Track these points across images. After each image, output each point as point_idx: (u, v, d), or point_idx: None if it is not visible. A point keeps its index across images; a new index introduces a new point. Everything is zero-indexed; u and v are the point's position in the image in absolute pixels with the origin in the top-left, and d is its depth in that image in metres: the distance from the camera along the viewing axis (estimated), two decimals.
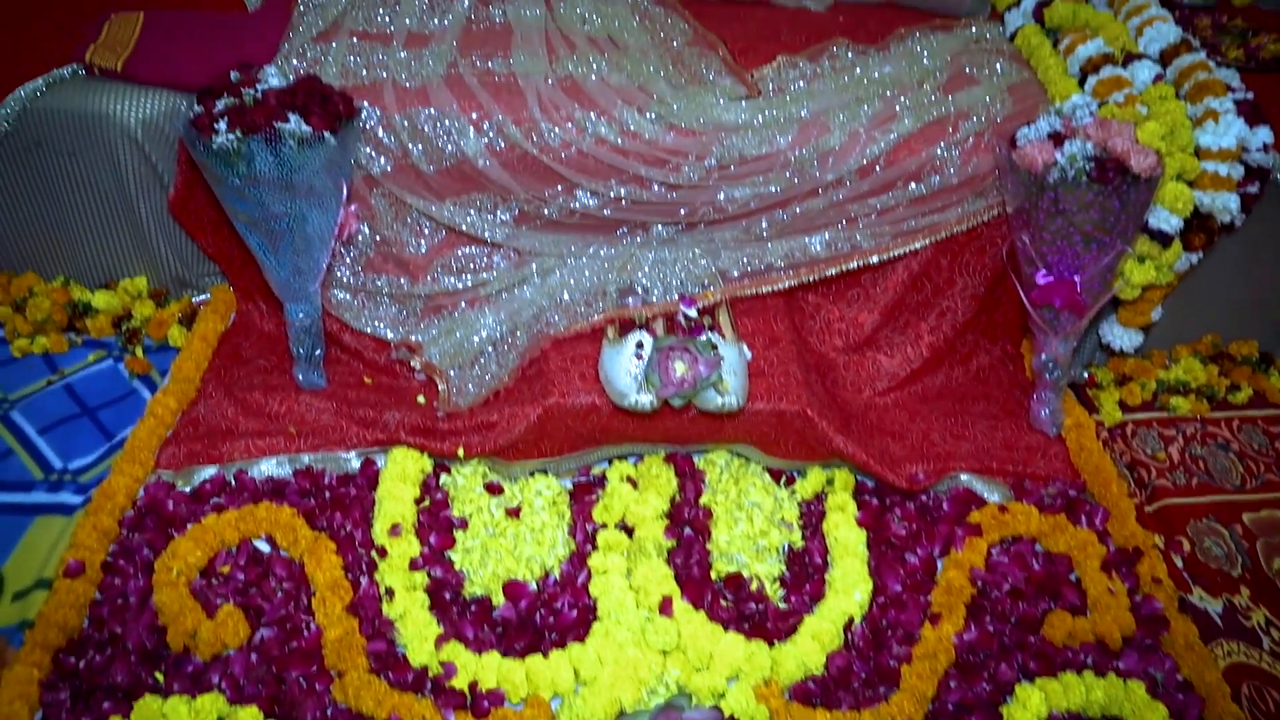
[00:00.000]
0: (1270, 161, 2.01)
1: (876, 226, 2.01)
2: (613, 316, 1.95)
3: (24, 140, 2.01)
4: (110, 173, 2.06)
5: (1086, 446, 2.06)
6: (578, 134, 1.90)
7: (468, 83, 1.95)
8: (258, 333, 2.19)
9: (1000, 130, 1.99)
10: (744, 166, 1.93)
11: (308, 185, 1.80)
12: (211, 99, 1.81)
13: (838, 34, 2.22)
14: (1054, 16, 2.23)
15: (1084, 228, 1.87)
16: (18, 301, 2.19)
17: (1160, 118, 1.98)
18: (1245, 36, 2.40)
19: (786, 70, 2.08)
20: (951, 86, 2.07)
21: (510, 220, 2.01)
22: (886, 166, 1.96)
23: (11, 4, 2.18)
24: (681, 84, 2.01)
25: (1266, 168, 2.02)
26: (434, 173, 1.95)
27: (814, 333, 2.14)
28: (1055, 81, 2.12)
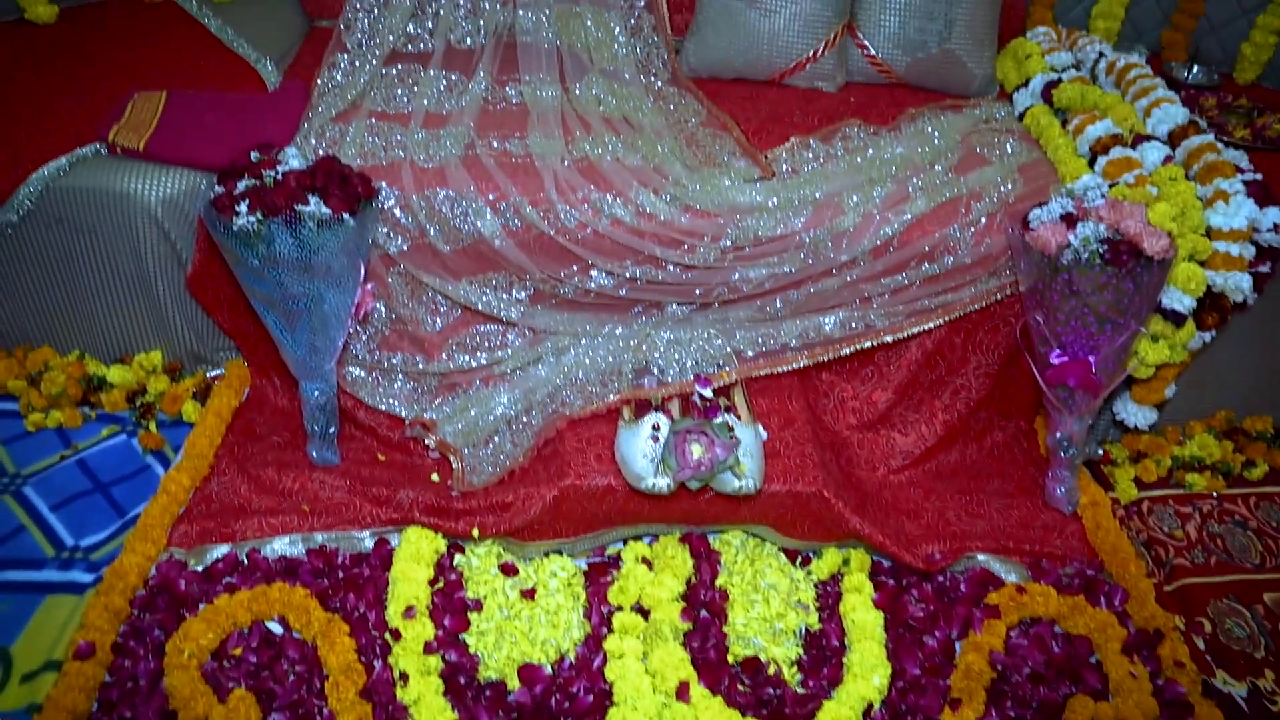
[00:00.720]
0: None
1: (890, 306, 2.02)
2: (628, 397, 1.95)
3: (45, 217, 2.03)
4: (129, 249, 2.07)
5: (1103, 525, 2.05)
6: (593, 215, 1.92)
7: (485, 164, 1.98)
8: (272, 408, 2.19)
9: (1012, 211, 2.01)
10: (759, 248, 1.94)
11: (326, 266, 1.81)
12: (232, 180, 1.83)
13: (849, 115, 2.25)
14: (1062, 97, 2.26)
15: (1098, 309, 1.88)
16: (33, 375, 2.20)
17: (1171, 199, 1.99)
18: (1251, 116, 2.43)
19: (800, 151, 2.11)
20: (963, 167, 2.10)
21: (526, 299, 2.02)
22: (900, 247, 1.97)
23: (38, 83, 2.21)
24: (696, 165, 2.03)
25: (1277, 247, 2.03)
26: (450, 252, 1.97)
27: (828, 410, 2.14)
28: (1065, 161, 2.14)
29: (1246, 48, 2.65)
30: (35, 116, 2.11)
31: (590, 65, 2.28)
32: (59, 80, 2.24)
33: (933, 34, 2.33)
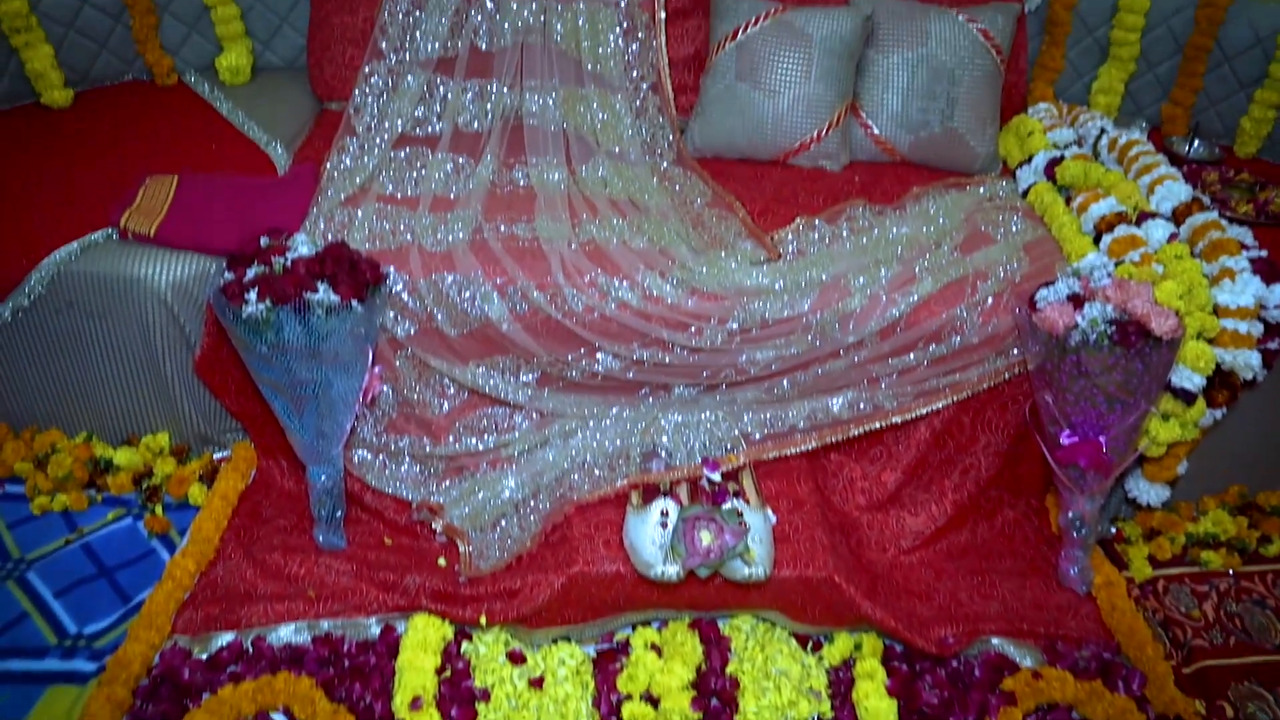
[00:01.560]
0: None
1: (898, 386, 2.02)
2: (636, 482, 1.94)
3: (56, 301, 2.05)
4: (139, 333, 2.08)
5: (1118, 606, 2.02)
6: (600, 299, 1.92)
7: (492, 248, 1.99)
8: (278, 490, 2.18)
9: (1018, 290, 2.01)
10: (766, 330, 1.94)
11: (334, 352, 1.82)
12: (242, 267, 1.85)
13: (854, 194, 2.27)
14: (1065, 175, 2.28)
15: (1107, 389, 1.87)
16: (40, 457, 2.20)
17: (1177, 277, 2.00)
18: (1253, 190, 2.44)
19: (806, 233, 2.12)
20: (968, 246, 2.10)
21: (533, 382, 2.02)
22: (907, 328, 1.97)
23: (52, 167, 2.24)
24: (702, 247, 2.04)
25: None
26: (457, 336, 1.97)
27: (837, 491, 2.12)
28: (1070, 240, 2.15)
29: (1246, 122, 2.68)
30: (48, 201, 2.13)
31: (596, 147, 2.31)
32: (73, 164, 2.27)
33: (935, 113, 2.35)
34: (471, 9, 2.37)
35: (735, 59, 2.33)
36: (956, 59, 2.34)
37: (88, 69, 2.58)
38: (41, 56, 2.46)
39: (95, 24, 2.54)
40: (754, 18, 2.33)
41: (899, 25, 2.35)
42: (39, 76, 2.47)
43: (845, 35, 2.29)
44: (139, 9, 2.56)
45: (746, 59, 2.32)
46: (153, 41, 2.61)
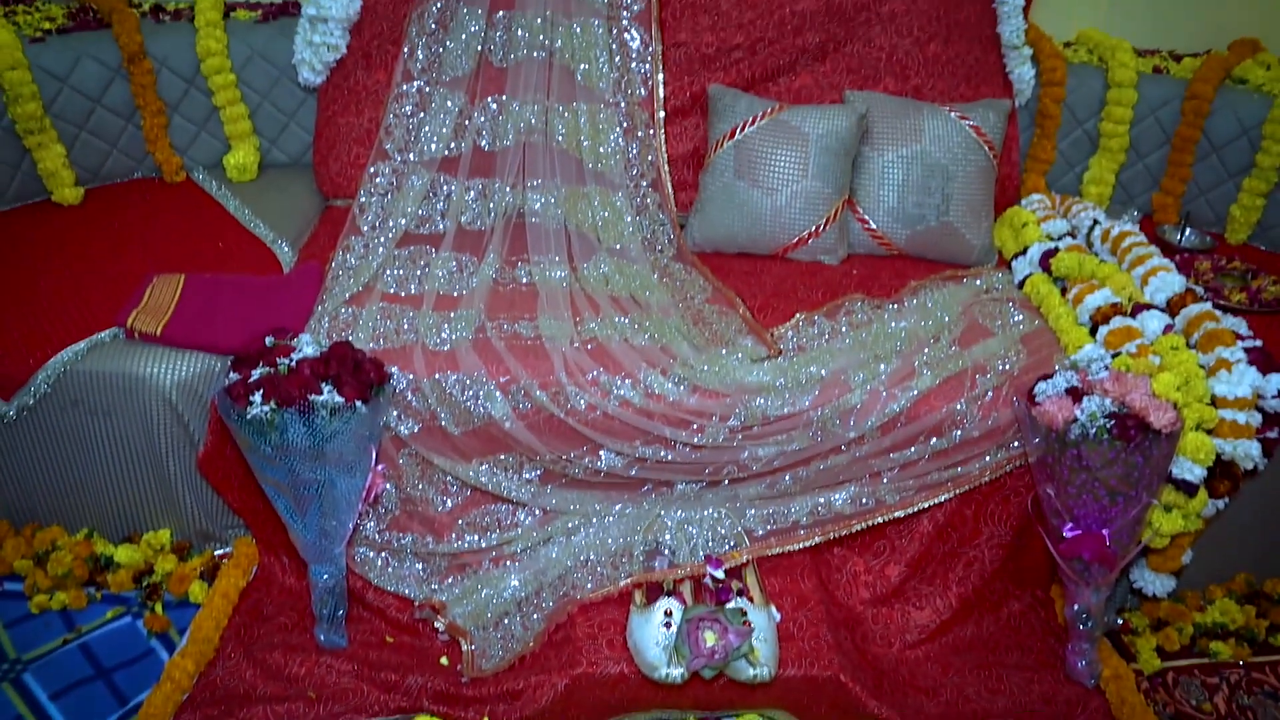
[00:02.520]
0: None
1: (900, 480, 2.03)
2: (640, 581, 1.94)
3: (61, 400, 2.06)
4: (142, 430, 2.09)
5: (1128, 700, 2.00)
6: (602, 397, 1.94)
7: (495, 346, 2.01)
8: (280, 587, 2.17)
9: (1017, 384, 2.03)
10: (767, 427, 1.96)
11: (338, 453, 1.82)
12: (247, 368, 1.87)
13: (852, 288, 2.30)
14: (1060, 266, 2.31)
15: (1109, 482, 1.88)
16: (40, 555, 2.19)
17: (1174, 368, 2.01)
18: (1246, 278, 2.47)
19: (805, 328, 2.14)
20: (966, 339, 2.13)
21: (536, 479, 2.03)
22: (907, 422, 1.99)
23: (61, 265, 2.27)
24: (703, 344, 2.07)
25: None
26: (461, 434, 1.98)
27: (840, 585, 2.11)
28: (1067, 331, 2.17)
29: (1235, 210, 2.72)
30: (57, 300, 2.15)
31: (598, 245, 2.35)
32: (81, 261, 2.30)
33: (930, 208, 2.39)
34: (475, 110, 2.43)
35: (733, 157, 2.38)
36: (950, 155, 2.39)
37: (98, 167, 2.63)
38: (54, 156, 2.51)
39: (107, 124, 2.60)
40: (751, 117, 2.38)
41: (893, 123, 2.41)
42: (51, 175, 2.52)
43: (841, 133, 2.34)
44: (150, 109, 2.62)
45: (744, 157, 2.37)
46: (162, 141, 2.66)
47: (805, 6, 2.48)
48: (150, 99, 2.61)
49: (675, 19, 2.48)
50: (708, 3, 2.48)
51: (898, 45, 2.54)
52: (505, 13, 2.40)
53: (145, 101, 2.61)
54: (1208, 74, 2.69)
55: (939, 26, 2.54)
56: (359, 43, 2.52)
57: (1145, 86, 2.72)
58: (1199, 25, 3.00)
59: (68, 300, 2.16)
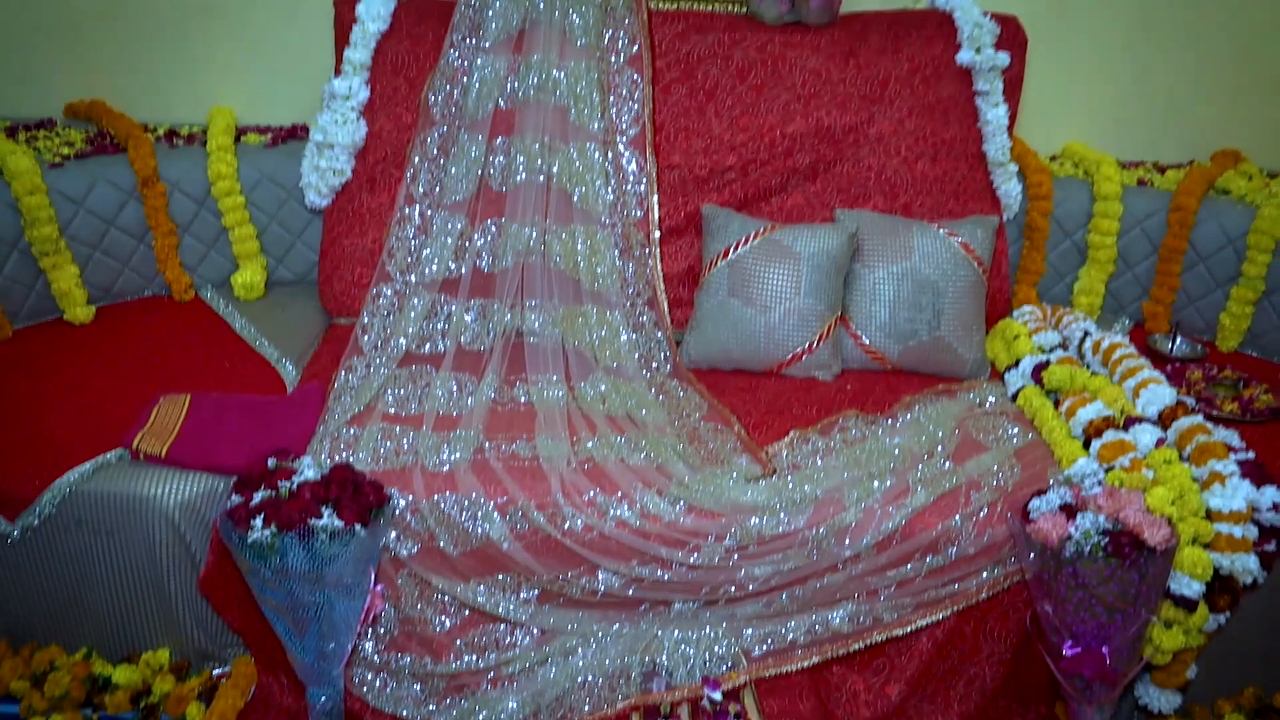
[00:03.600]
0: None
1: (898, 598, 2.02)
2: (637, 703, 1.93)
3: (65, 520, 2.08)
4: (144, 550, 2.10)
5: None
6: (599, 518, 1.96)
7: (493, 467, 2.04)
8: (277, 708, 2.16)
9: (1011, 500, 2.04)
10: (762, 546, 1.97)
11: (338, 576, 1.84)
12: (249, 490, 1.89)
13: (846, 403, 2.33)
14: (1052, 379, 2.34)
15: (1106, 599, 1.87)
16: (37, 675, 2.18)
17: (1168, 483, 2.02)
18: (1238, 387, 2.50)
19: (800, 445, 2.16)
20: (960, 455, 2.15)
21: (533, 599, 2.04)
22: (903, 540, 1.99)
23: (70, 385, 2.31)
24: (699, 464, 2.09)
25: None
26: (459, 555, 1.99)
27: (840, 705, 2.09)
28: (1060, 444, 2.19)
29: (1225, 318, 2.76)
30: (63, 420, 2.19)
31: (595, 364, 2.39)
32: (90, 381, 2.34)
33: (922, 323, 2.43)
34: (475, 232, 2.50)
35: (727, 276, 2.44)
36: (940, 271, 2.44)
37: (110, 285, 2.70)
38: (67, 277, 2.58)
39: (120, 244, 2.68)
40: (744, 237, 2.45)
41: (883, 241, 2.47)
42: (64, 295, 2.59)
43: (832, 252, 2.40)
44: (161, 230, 2.70)
45: (738, 276, 2.42)
46: (173, 260, 2.74)
47: (795, 129, 2.57)
48: (162, 220, 2.69)
49: (669, 142, 2.57)
50: (701, 126, 2.57)
51: (886, 164, 2.62)
52: (504, 139, 2.49)
53: (157, 223, 2.69)
54: (1191, 186, 2.76)
55: (926, 146, 2.62)
56: (363, 167, 2.61)
57: (1130, 199, 2.79)
58: (1182, 137, 3.10)
59: (75, 420, 2.19)
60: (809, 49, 2.57)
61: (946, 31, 2.61)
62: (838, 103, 2.58)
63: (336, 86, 2.53)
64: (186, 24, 2.90)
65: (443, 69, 2.48)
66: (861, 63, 2.57)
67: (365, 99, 2.55)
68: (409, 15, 2.56)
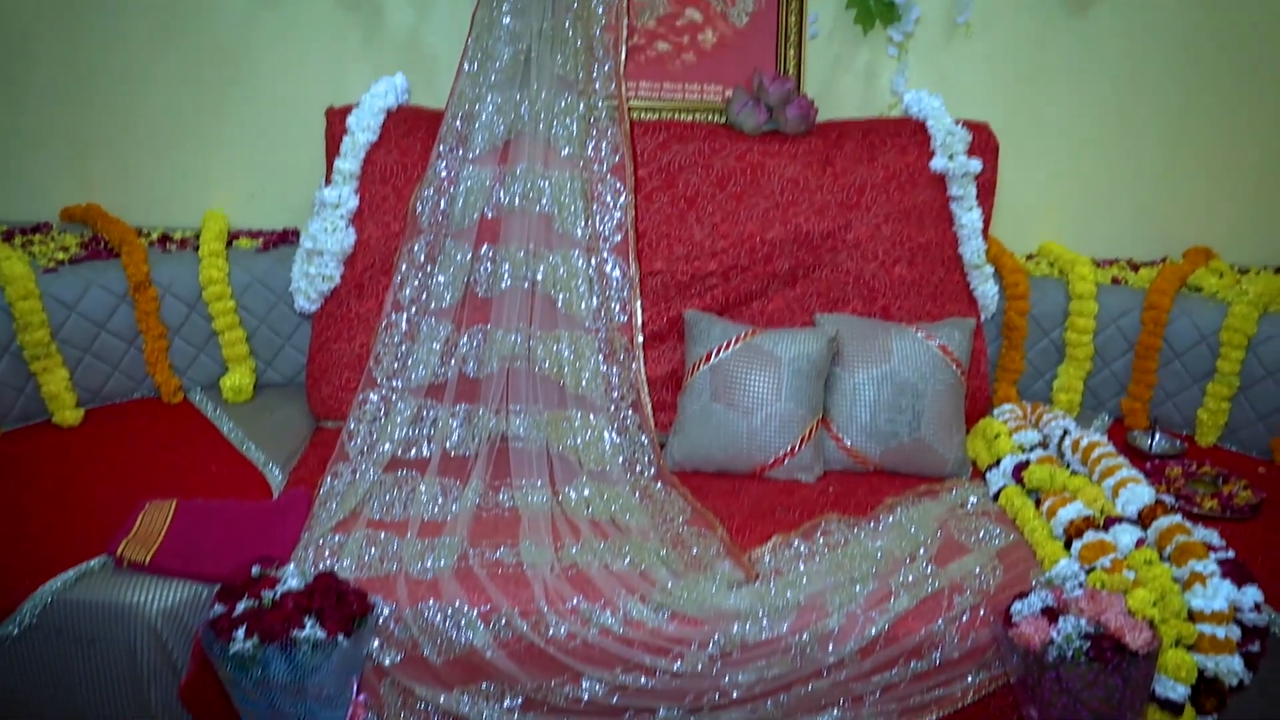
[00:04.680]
0: (1265, 619, 2.04)
1: (883, 704, 2.02)
2: None
3: (46, 629, 2.06)
4: (125, 658, 2.08)
5: None
6: (582, 625, 1.96)
7: (477, 575, 2.05)
8: None
9: (994, 603, 2.05)
10: (746, 652, 1.96)
11: (319, 687, 1.83)
12: (231, 600, 1.89)
13: (829, 506, 2.35)
14: (1032, 479, 2.36)
15: (1091, 704, 1.87)
16: None
17: (1149, 584, 2.04)
18: (1217, 483, 2.52)
19: (782, 550, 2.17)
20: (942, 557, 2.16)
21: (516, 708, 2.02)
22: (886, 645, 1.99)
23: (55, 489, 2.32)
24: (682, 570, 2.10)
25: (1263, 625, 2.05)
26: (442, 663, 1.99)
27: None
28: (1042, 545, 2.20)
29: (1202, 413, 2.80)
30: (48, 526, 2.19)
31: (579, 468, 2.41)
32: (76, 485, 2.34)
33: (903, 425, 2.47)
34: (461, 338, 2.54)
35: (710, 380, 2.47)
36: (919, 374, 2.48)
37: (100, 388, 2.72)
38: (58, 380, 2.61)
39: (110, 348, 2.71)
40: (725, 341, 2.49)
41: (862, 344, 2.51)
42: (53, 398, 2.61)
43: (812, 356, 2.44)
44: (152, 334, 2.73)
45: (720, 380, 2.46)
46: (162, 363, 2.77)
47: (775, 235, 2.63)
48: (153, 324, 2.73)
49: (652, 249, 2.63)
50: (682, 233, 2.63)
51: (864, 269, 2.68)
52: (490, 246, 2.54)
53: (148, 327, 2.73)
54: (1163, 285, 2.82)
55: (903, 250, 2.68)
56: (352, 273, 2.66)
57: (1105, 297, 2.85)
58: (1154, 234, 3.18)
59: (59, 526, 2.19)
60: (787, 157, 2.65)
61: (920, 139, 2.70)
62: (816, 209, 2.64)
63: (326, 195, 2.60)
64: (183, 131, 2.98)
65: (430, 179, 2.55)
66: (838, 170, 2.65)
67: (354, 207, 2.61)
68: (398, 127, 2.63)
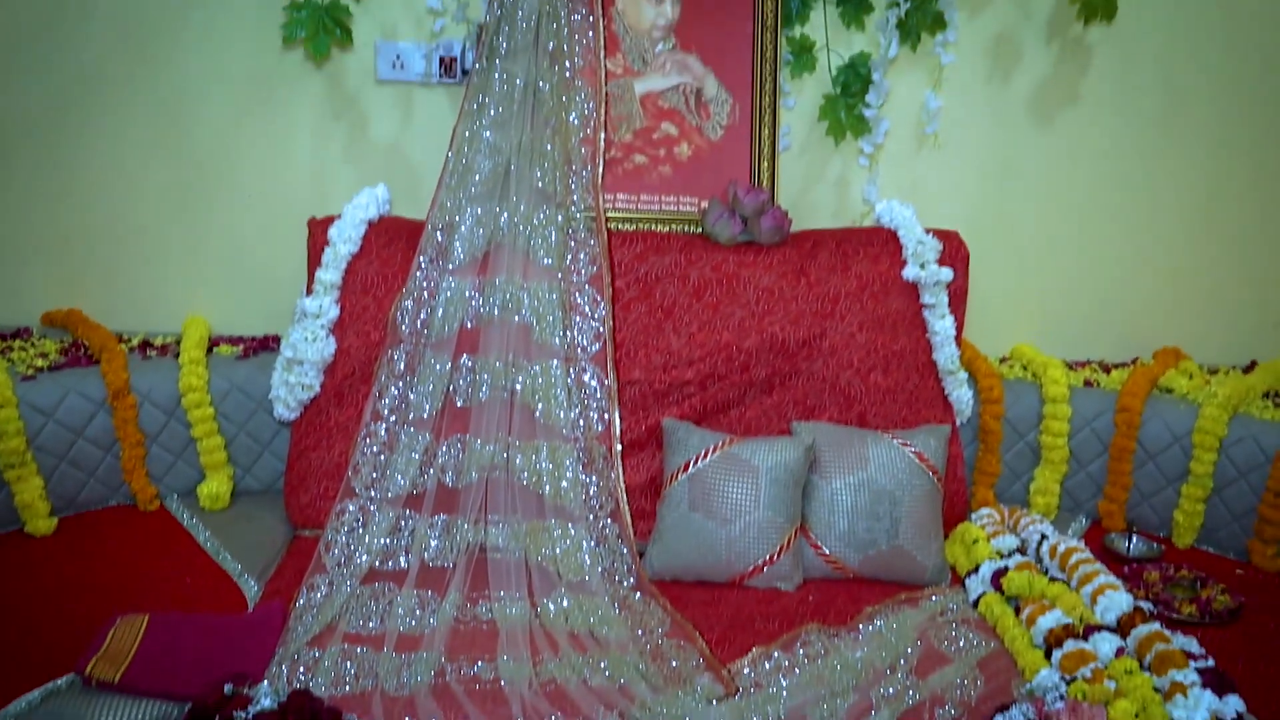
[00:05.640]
0: None
1: None
2: None
3: None
4: None
5: None
6: None
7: (454, 690, 2.01)
8: None
9: (976, 715, 2.02)
10: None
11: None
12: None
13: (809, 615, 2.33)
14: (1011, 586, 2.37)
15: None
16: None
17: (1130, 694, 2.02)
18: (1195, 588, 2.52)
19: (762, 662, 2.15)
20: (923, 667, 2.14)
21: None
22: None
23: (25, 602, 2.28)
24: (661, 684, 2.07)
25: None
26: None
27: None
28: (1023, 654, 2.19)
29: (1178, 515, 2.81)
30: (15, 643, 2.14)
31: (558, 579, 2.40)
32: (47, 598, 2.30)
33: (881, 532, 2.47)
34: (439, 448, 2.55)
35: (688, 489, 2.48)
36: (896, 481, 2.49)
37: (74, 495, 2.70)
38: (32, 489, 2.58)
39: (87, 455, 2.69)
40: (703, 450, 2.50)
41: (839, 452, 2.53)
42: (26, 507, 2.58)
43: (790, 464, 2.46)
44: (130, 441, 2.72)
45: (699, 489, 2.47)
46: (139, 471, 2.75)
47: (751, 344, 2.66)
48: (130, 432, 2.72)
49: (629, 358, 2.65)
50: (660, 343, 2.66)
51: (840, 376, 2.70)
52: (470, 357, 2.56)
53: (126, 434, 2.71)
54: (1134, 388, 2.86)
55: (878, 358, 2.71)
56: (331, 382, 2.66)
57: (1079, 400, 2.89)
58: (1124, 335, 3.23)
59: (28, 642, 2.15)
60: (762, 268, 2.69)
61: (892, 248, 2.75)
62: (791, 318, 2.68)
63: (307, 305, 2.62)
64: (167, 237, 3.01)
65: (410, 289, 2.58)
66: (812, 280, 2.69)
67: (335, 317, 2.63)
68: (379, 237, 2.67)
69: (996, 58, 2.99)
